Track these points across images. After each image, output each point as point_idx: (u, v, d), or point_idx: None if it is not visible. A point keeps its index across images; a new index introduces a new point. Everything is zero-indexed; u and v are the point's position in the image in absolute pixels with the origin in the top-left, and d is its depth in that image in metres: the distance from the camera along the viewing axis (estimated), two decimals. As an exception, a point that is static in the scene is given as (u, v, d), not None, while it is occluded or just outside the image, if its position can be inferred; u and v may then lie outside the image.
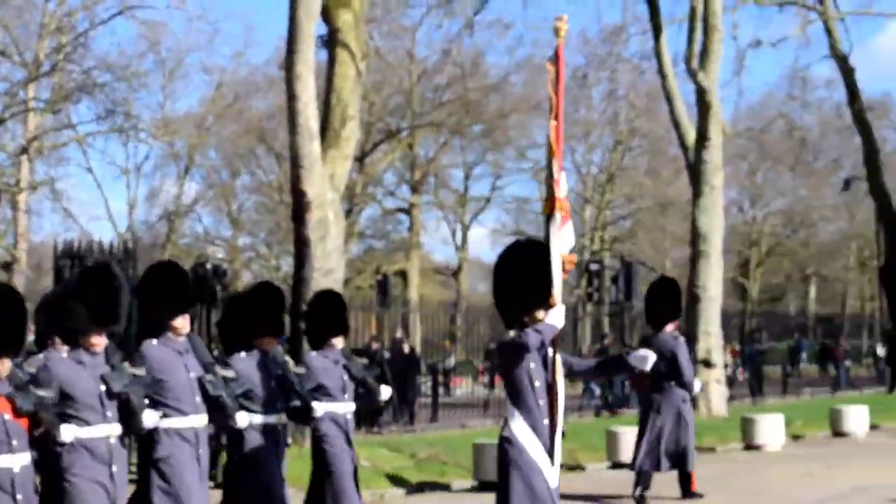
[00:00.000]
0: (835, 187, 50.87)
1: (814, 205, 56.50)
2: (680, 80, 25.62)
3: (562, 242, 6.24)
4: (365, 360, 12.12)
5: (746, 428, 18.79)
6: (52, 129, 40.43)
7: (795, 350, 37.92)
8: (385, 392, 10.88)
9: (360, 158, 36.03)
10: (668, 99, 25.84)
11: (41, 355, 6.68)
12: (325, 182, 15.87)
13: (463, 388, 30.64)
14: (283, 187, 38.95)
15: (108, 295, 6.36)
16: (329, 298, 10.45)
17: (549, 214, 6.31)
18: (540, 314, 6.11)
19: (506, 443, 6.11)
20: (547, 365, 6.19)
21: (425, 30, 39.40)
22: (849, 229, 56.98)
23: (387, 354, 19.86)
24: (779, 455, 17.62)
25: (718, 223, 24.77)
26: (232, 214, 52.41)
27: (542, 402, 6.11)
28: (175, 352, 6.95)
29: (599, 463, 15.94)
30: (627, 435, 15.31)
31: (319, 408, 8.87)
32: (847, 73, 32.88)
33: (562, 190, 6.29)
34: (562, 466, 15.07)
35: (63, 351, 6.84)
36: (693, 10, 25.30)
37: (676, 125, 25.63)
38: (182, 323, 7.02)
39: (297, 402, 8.61)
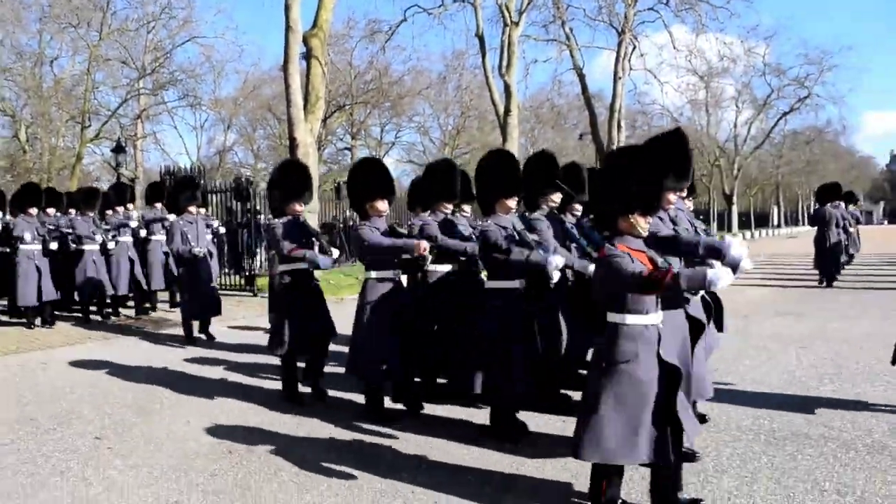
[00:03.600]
0: (575, 138, 51.68)
1: (564, 147, 57.27)
2: (496, 80, 25.75)
3: None
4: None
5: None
6: (153, 104, 39.15)
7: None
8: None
9: (324, 120, 35.35)
10: (489, 89, 25.91)
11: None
12: (306, 132, 15.76)
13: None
14: (282, 136, 38.41)
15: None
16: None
17: None
18: None
19: None
20: None
21: (358, 50, 38.81)
22: (582, 160, 57.40)
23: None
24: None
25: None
26: (254, 151, 51.62)
27: None
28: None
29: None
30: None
31: None
32: (581, 77, 33.08)
33: None
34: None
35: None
36: (502, 43, 25.42)
37: (494, 103, 25.77)
38: (557, 200, 5.51)
39: None
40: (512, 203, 4.89)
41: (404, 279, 5.73)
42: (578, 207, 5.89)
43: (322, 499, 3.89)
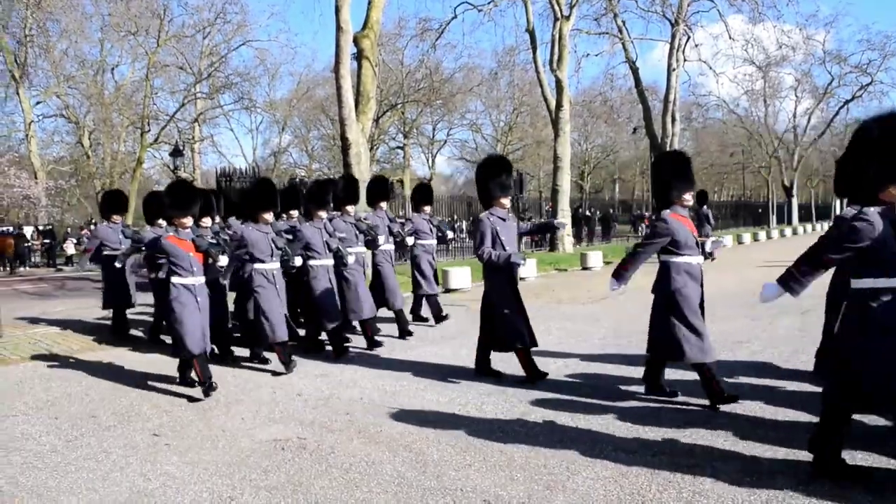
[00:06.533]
0: (628, 132, 51.09)
1: (617, 141, 56.67)
2: (547, 75, 25.54)
3: None
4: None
5: (583, 258, 19.21)
6: (210, 108, 40.03)
7: (607, 219, 38.26)
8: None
9: (376, 120, 35.70)
10: (541, 84, 25.72)
11: None
12: (358, 133, 15.86)
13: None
14: (335, 136, 38.89)
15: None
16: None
17: None
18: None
19: None
20: None
21: (409, 49, 38.83)
22: (636, 154, 57.21)
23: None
24: (599, 272, 18.06)
25: (567, 151, 24.93)
26: (308, 151, 52.36)
27: None
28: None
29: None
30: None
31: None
32: (634, 70, 32.71)
33: None
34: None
35: None
36: (553, 38, 25.17)
37: (545, 98, 25.57)
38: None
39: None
40: None
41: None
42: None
43: (371, 496, 3.92)
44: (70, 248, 29.02)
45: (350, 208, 8.46)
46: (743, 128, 52.48)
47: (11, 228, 28.82)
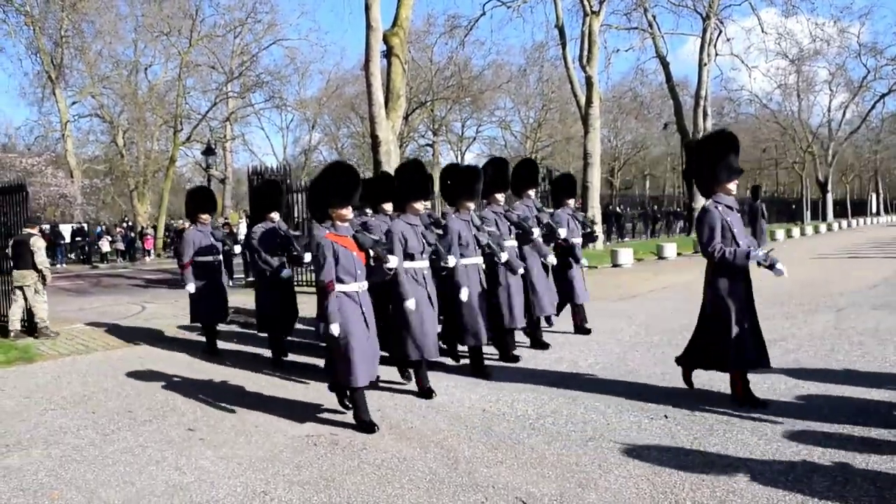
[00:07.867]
0: (658, 128, 50.54)
1: (647, 137, 56.13)
2: (577, 71, 25.37)
3: None
4: None
5: (613, 255, 19.05)
6: (241, 107, 40.38)
7: (650, 215, 37.79)
8: None
9: (406, 117, 35.71)
10: (570, 80, 25.57)
11: None
12: (388, 130, 15.91)
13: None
14: (365, 134, 39.04)
15: None
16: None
17: None
18: None
19: None
20: None
21: (438, 47, 38.81)
22: (666, 150, 56.58)
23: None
24: (629, 269, 17.95)
25: (597, 147, 24.76)
26: (338, 149, 52.60)
27: None
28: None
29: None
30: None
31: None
32: (665, 65, 32.41)
33: None
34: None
35: None
36: (583, 33, 25.01)
37: (575, 95, 25.42)
38: None
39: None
40: None
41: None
42: None
43: (403, 492, 3.93)
44: (105, 245, 29.48)
45: (499, 196, 7.11)
46: (776, 123, 51.70)
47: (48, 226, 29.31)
